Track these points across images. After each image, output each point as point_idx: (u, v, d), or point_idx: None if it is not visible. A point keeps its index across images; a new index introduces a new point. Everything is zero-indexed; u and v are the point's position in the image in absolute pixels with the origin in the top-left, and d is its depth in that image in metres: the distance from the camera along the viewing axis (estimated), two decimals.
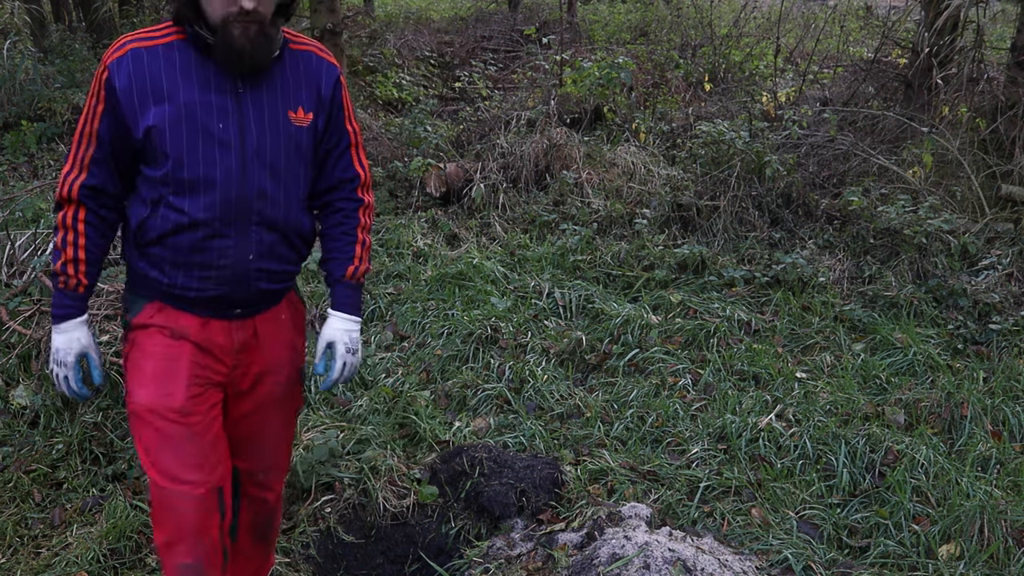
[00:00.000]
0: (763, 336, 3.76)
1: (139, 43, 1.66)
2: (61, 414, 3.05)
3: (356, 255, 1.91)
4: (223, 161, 1.68)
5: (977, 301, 3.93)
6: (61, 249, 1.73)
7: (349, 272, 1.91)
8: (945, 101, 5.68)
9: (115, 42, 1.69)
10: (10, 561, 2.47)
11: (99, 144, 1.68)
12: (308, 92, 1.78)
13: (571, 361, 3.57)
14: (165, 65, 1.65)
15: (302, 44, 1.80)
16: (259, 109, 1.71)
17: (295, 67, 1.77)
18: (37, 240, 3.98)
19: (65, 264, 1.73)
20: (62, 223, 1.73)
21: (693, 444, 2.95)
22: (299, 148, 1.77)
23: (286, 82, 1.75)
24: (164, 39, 1.67)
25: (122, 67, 1.63)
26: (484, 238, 4.91)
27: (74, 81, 6.93)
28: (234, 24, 1.60)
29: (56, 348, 1.78)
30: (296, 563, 2.47)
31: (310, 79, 1.78)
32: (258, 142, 1.71)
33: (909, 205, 4.64)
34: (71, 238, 1.72)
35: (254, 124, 1.70)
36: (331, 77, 1.82)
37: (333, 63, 1.83)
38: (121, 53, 1.64)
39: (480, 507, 2.60)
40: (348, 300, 1.92)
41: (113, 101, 1.65)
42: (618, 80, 6.65)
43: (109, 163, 1.71)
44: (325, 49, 1.85)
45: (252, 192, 1.71)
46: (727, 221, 4.74)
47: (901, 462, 2.76)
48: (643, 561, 2.14)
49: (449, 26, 11.91)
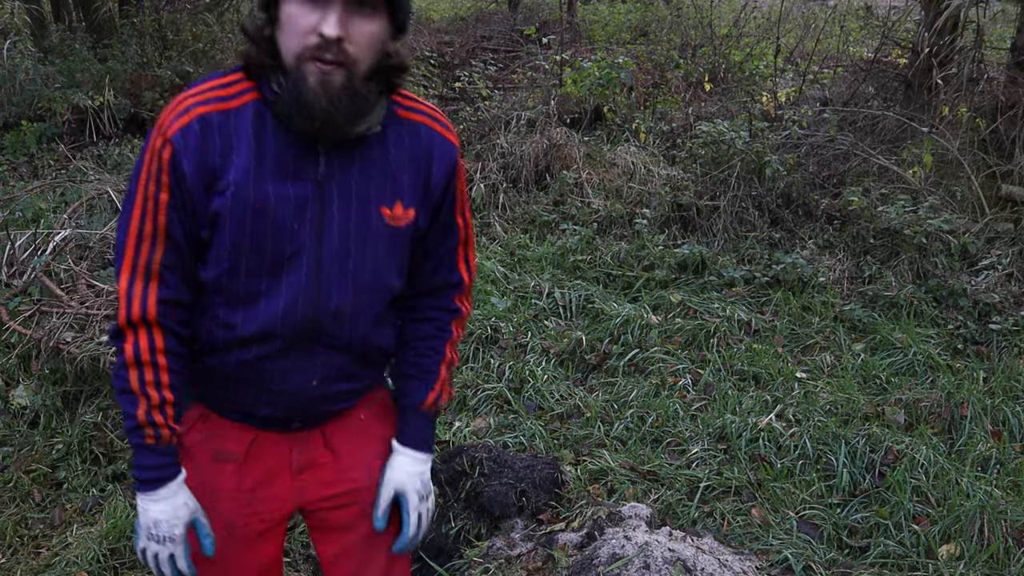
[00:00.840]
0: (763, 336, 3.76)
1: (206, 107, 1.24)
2: (61, 414, 3.06)
3: (440, 378, 1.49)
4: (292, 272, 1.29)
5: (977, 301, 3.93)
6: (139, 394, 1.29)
7: (429, 400, 1.49)
8: (945, 101, 5.68)
9: (174, 103, 1.26)
10: (10, 561, 2.48)
11: (169, 245, 1.26)
12: (412, 179, 1.35)
13: (571, 361, 3.57)
14: (235, 139, 1.24)
15: (413, 111, 1.36)
16: (345, 203, 1.30)
17: (399, 144, 1.33)
18: (37, 240, 3.98)
19: (150, 412, 1.30)
20: (134, 358, 1.28)
21: (693, 444, 2.95)
22: (391, 255, 1.36)
23: (385, 165, 1.32)
24: (236, 100, 1.26)
25: (189, 142, 1.22)
26: (484, 238, 4.91)
27: (74, 81, 6.93)
28: (309, 64, 1.18)
29: (155, 521, 1.33)
30: (296, 563, 2.47)
31: (417, 162, 1.35)
32: (340, 249, 1.31)
33: (909, 205, 4.64)
34: (151, 376, 1.29)
35: (337, 225, 1.30)
36: (446, 160, 1.38)
37: (450, 139, 1.39)
38: (185, 121, 1.23)
39: (480, 507, 2.60)
40: (422, 434, 1.51)
41: (181, 189, 1.24)
42: (618, 80, 6.65)
43: (181, 267, 1.29)
44: (442, 117, 1.40)
45: (324, 312, 1.33)
46: (727, 221, 4.74)
47: (901, 462, 2.76)
48: (643, 561, 2.14)
49: (449, 26, 11.92)
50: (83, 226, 4.22)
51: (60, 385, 3.12)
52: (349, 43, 1.19)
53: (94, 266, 3.91)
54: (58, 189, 4.96)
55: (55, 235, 4.03)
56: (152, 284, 1.27)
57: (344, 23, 1.18)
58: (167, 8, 8.68)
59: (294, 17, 1.19)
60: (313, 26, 1.17)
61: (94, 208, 4.51)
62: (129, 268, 1.27)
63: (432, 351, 1.49)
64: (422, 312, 1.49)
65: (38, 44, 8.21)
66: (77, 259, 3.89)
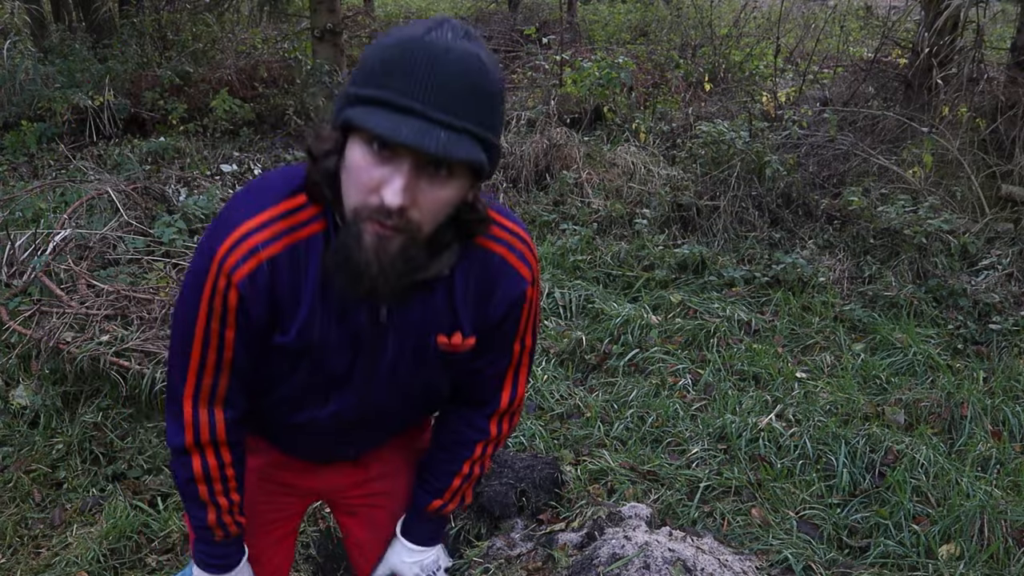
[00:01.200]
0: (763, 336, 3.75)
1: (274, 247, 1.12)
2: (61, 414, 3.05)
3: (451, 488, 1.44)
4: (342, 392, 1.28)
5: (977, 301, 3.93)
6: (209, 502, 1.30)
7: (434, 506, 1.45)
8: (945, 101, 5.68)
9: (233, 236, 1.12)
10: (10, 561, 2.47)
11: (234, 371, 1.23)
12: (474, 311, 1.24)
13: (571, 361, 3.57)
14: (303, 276, 1.15)
15: (492, 238, 1.21)
16: (401, 337, 1.22)
17: (466, 278, 1.21)
18: (37, 240, 3.98)
19: (220, 515, 1.32)
20: (204, 476, 1.27)
21: (693, 444, 2.95)
22: (445, 373, 1.32)
23: (449, 301, 1.21)
24: (303, 231, 1.14)
25: (258, 288, 1.13)
26: None
27: (74, 81, 6.93)
28: (367, 223, 1.03)
29: None
30: (296, 563, 2.47)
31: (483, 295, 1.23)
32: (390, 372, 1.26)
33: (909, 205, 4.64)
34: (220, 488, 1.30)
35: (391, 354, 1.24)
36: (511, 294, 1.24)
37: (522, 272, 1.24)
38: (253, 266, 1.12)
39: (480, 507, 2.60)
40: (427, 533, 1.50)
41: (249, 327, 1.18)
42: (618, 80, 6.65)
43: (244, 386, 1.26)
44: (520, 245, 1.24)
45: (369, 414, 1.33)
46: (727, 221, 4.74)
47: (901, 462, 2.76)
48: (643, 561, 2.14)
49: None
50: (83, 226, 4.22)
51: (60, 385, 3.12)
52: (415, 209, 1.03)
53: (94, 266, 3.91)
54: (58, 189, 4.96)
55: (55, 235, 4.03)
56: (218, 408, 1.25)
57: (411, 189, 1.01)
58: (167, 8, 8.68)
59: (358, 168, 1.02)
60: (376, 185, 1.01)
61: (94, 208, 4.51)
62: (192, 395, 1.23)
63: (449, 462, 1.43)
64: (452, 423, 1.42)
65: (38, 44, 8.22)
66: (77, 259, 3.89)
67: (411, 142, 0.94)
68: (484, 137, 1.01)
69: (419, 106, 0.96)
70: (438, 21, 1.01)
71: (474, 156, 0.99)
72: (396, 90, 0.97)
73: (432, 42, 0.98)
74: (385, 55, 0.99)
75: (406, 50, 0.98)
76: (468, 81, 0.98)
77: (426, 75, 0.96)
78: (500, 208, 1.24)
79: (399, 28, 1.02)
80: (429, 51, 0.97)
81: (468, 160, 0.98)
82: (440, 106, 0.96)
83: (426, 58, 0.97)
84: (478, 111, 1.00)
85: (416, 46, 0.98)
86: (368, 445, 1.44)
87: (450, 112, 0.97)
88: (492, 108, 1.02)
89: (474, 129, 0.99)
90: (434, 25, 1.00)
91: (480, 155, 1.00)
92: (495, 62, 1.03)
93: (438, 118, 0.96)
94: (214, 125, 6.74)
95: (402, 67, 0.97)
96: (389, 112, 0.97)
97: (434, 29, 0.99)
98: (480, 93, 0.99)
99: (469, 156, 0.98)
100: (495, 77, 1.01)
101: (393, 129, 0.95)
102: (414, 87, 0.96)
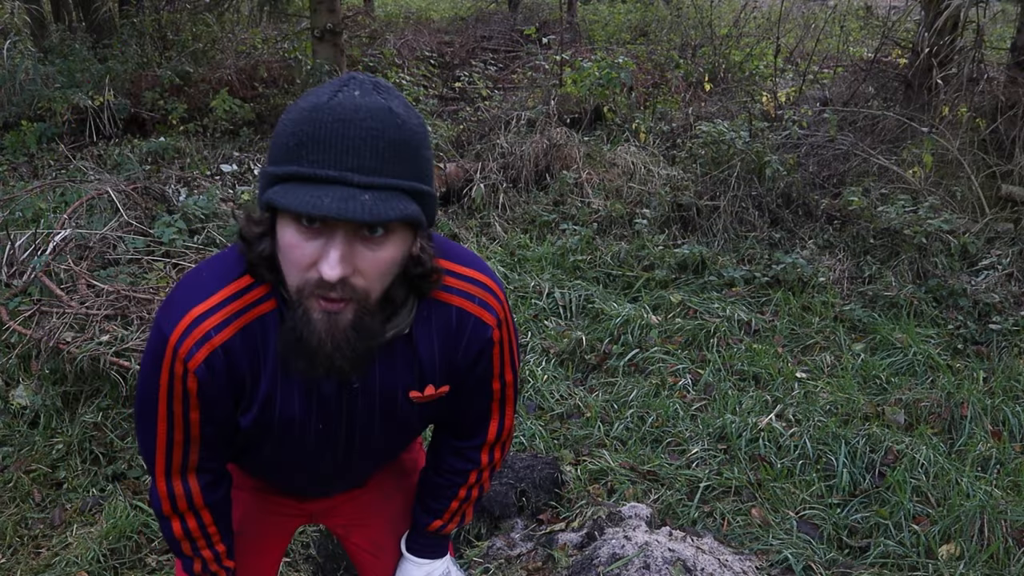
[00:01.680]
0: (763, 336, 3.76)
1: (228, 331, 1.11)
2: (61, 414, 3.05)
3: (450, 510, 1.44)
4: (313, 464, 1.30)
5: (977, 301, 3.93)
6: (194, 556, 1.33)
7: (434, 527, 1.46)
8: (945, 101, 5.68)
9: (187, 320, 1.11)
10: (10, 561, 2.47)
11: (203, 444, 1.22)
12: (442, 363, 1.22)
13: (571, 361, 3.57)
14: (261, 355, 1.14)
15: (448, 290, 1.19)
16: (370, 399, 1.21)
17: (427, 334, 1.19)
18: (37, 240, 3.98)
19: (206, 565, 1.35)
20: (184, 535, 1.29)
21: (693, 444, 2.95)
22: (422, 418, 1.31)
23: (411, 358, 1.19)
24: (254, 311, 1.12)
25: (216, 373, 1.13)
26: (484, 238, 4.91)
27: (74, 81, 6.93)
28: (312, 300, 1.01)
29: None
30: (296, 563, 2.47)
31: (448, 348, 1.21)
32: (365, 430, 1.26)
33: (909, 205, 4.64)
34: (203, 543, 1.31)
35: (362, 416, 1.24)
36: (477, 342, 1.23)
37: (484, 319, 1.22)
38: (207, 353, 1.11)
39: (480, 507, 2.60)
40: (430, 548, 1.50)
41: (213, 409, 1.17)
42: (618, 80, 6.65)
43: (218, 453, 1.27)
44: (479, 292, 1.22)
45: (348, 465, 1.35)
46: (727, 221, 4.74)
47: (901, 462, 2.76)
48: (643, 561, 2.14)
49: (449, 26, 11.92)
50: (83, 226, 4.22)
51: (60, 385, 3.12)
52: (358, 276, 1.00)
53: (94, 266, 3.91)
54: (58, 189, 4.96)
55: (55, 235, 4.03)
56: (191, 477, 1.24)
57: (348, 257, 0.98)
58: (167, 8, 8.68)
59: (291, 247, 1.00)
60: (312, 261, 0.98)
61: (94, 208, 4.51)
62: (164, 471, 1.22)
63: (445, 487, 1.43)
64: (443, 452, 1.41)
65: (38, 44, 8.22)
66: (77, 259, 3.89)
67: (335, 213, 0.91)
68: (412, 189, 0.98)
69: (336, 174, 0.94)
70: (344, 80, 0.99)
71: (405, 212, 0.96)
72: (311, 162, 0.94)
73: (339, 104, 0.95)
74: (295, 127, 0.96)
75: (314, 119, 0.95)
76: (384, 137, 0.95)
77: (338, 141, 0.94)
78: (457, 253, 1.22)
79: (307, 94, 1.00)
80: (337, 115, 0.95)
81: (399, 218, 0.95)
82: (358, 169, 0.94)
83: (335, 123, 0.94)
84: (400, 165, 0.97)
85: (323, 113, 0.95)
86: (354, 483, 1.46)
87: (370, 173, 0.95)
88: (414, 157, 0.99)
89: (399, 184, 0.97)
90: (340, 85, 0.98)
91: (411, 208, 0.97)
92: (410, 108, 1.01)
93: (358, 182, 0.94)
94: (214, 125, 6.74)
95: (313, 137, 0.94)
96: (308, 186, 0.94)
97: (340, 89, 0.97)
98: (398, 146, 0.97)
99: (400, 214, 0.95)
100: (412, 124, 0.99)
101: (314, 203, 0.92)
102: (328, 156, 0.94)
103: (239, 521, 1.44)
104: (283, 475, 1.38)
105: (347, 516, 1.54)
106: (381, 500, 1.53)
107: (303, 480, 1.39)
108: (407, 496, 1.53)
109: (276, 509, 1.50)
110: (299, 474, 1.36)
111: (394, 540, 1.54)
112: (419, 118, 1.01)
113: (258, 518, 1.49)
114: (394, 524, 1.53)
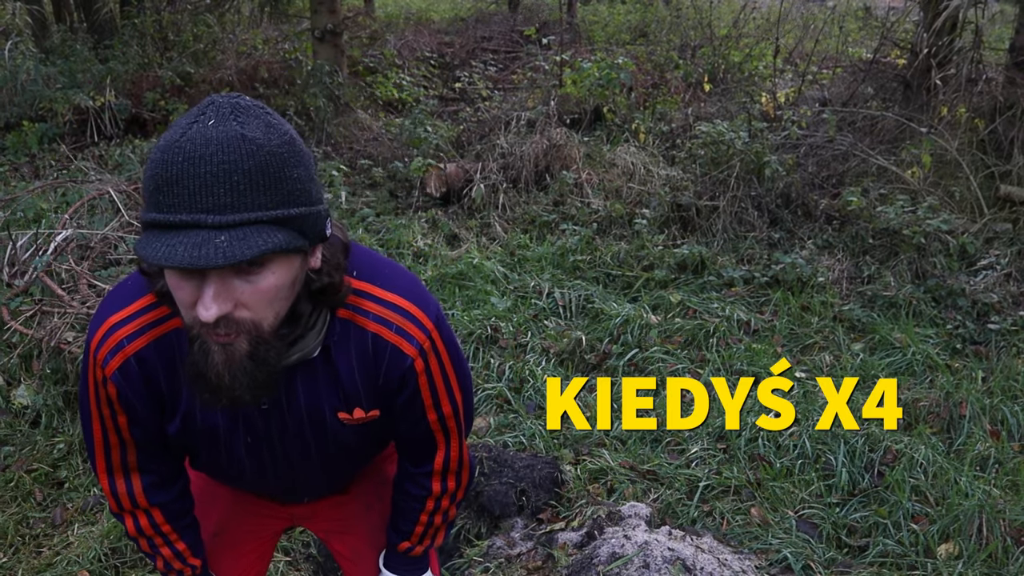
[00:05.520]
0: (762, 336, 3.76)
1: (140, 341, 1.12)
2: (62, 414, 3.06)
3: (416, 533, 1.44)
4: (255, 471, 1.31)
5: (976, 301, 3.94)
6: (152, 553, 1.36)
7: (403, 547, 1.46)
8: (944, 101, 5.69)
9: (104, 328, 1.13)
10: (11, 560, 2.48)
11: (138, 447, 1.24)
12: (367, 388, 1.20)
13: (571, 361, 3.58)
14: (178, 364, 1.14)
15: (364, 314, 1.16)
16: (297, 417, 1.21)
17: (345, 357, 1.17)
18: (38, 240, 3.99)
19: (169, 564, 1.38)
20: (138, 532, 1.32)
21: (693, 444, 2.96)
22: (364, 436, 1.29)
23: (333, 379, 1.18)
24: (167, 324, 1.13)
25: (132, 381, 1.14)
26: (484, 238, 4.92)
27: (75, 82, 6.94)
28: (207, 336, 0.99)
29: None
30: (296, 562, 2.48)
31: (369, 373, 1.19)
32: (300, 451, 1.27)
33: (908, 205, 4.65)
34: (160, 540, 1.34)
35: (291, 435, 1.24)
36: (398, 371, 1.18)
37: (403, 349, 1.17)
38: (120, 361, 1.13)
39: (480, 506, 2.61)
40: (402, 564, 1.50)
41: (137, 414, 1.19)
42: (618, 80, 6.66)
43: (158, 454, 1.27)
44: (399, 319, 1.17)
45: (301, 487, 1.39)
46: (726, 221, 4.75)
47: (900, 461, 2.77)
48: (643, 560, 2.15)
49: (449, 27, 11.93)
50: (84, 226, 4.23)
51: (61, 385, 3.13)
52: (242, 310, 0.97)
53: (95, 266, 3.92)
54: (59, 189, 4.97)
55: (56, 235, 4.04)
56: (134, 475, 1.27)
57: (224, 295, 0.95)
58: (168, 9, 8.68)
59: (173, 288, 0.98)
60: (192, 301, 0.96)
61: (95, 208, 4.52)
62: (104, 469, 1.26)
63: (409, 510, 1.41)
64: (399, 476, 1.41)
65: (39, 45, 8.23)
66: (78, 259, 3.90)
67: (187, 263, 0.87)
68: (276, 218, 0.93)
69: (189, 218, 0.89)
70: (202, 108, 0.94)
71: (266, 246, 0.90)
72: (167, 207, 0.90)
73: (189, 141, 0.90)
74: (152, 170, 0.92)
75: (165, 160, 0.90)
76: (238, 169, 0.90)
77: (190, 181, 0.89)
78: (385, 276, 1.18)
79: (170, 127, 0.95)
80: (186, 153, 0.90)
81: (258, 254, 0.89)
82: (212, 209, 0.89)
83: (184, 162, 0.89)
84: (260, 195, 0.91)
85: (173, 153, 0.90)
86: (328, 491, 1.46)
87: (225, 211, 0.89)
88: (276, 182, 0.92)
89: (260, 216, 0.91)
90: (196, 116, 0.93)
91: (275, 239, 0.91)
92: (272, 128, 0.94)
93: (212, 222, 0.89)
94: None
95: (166, 180, 0.90)
96: (167, 234, 0.90)
97: (196, 121, 0.92)
98: (255, 175, 0.91)
99: (258, 250, 0.89)
100: (271, 147, 0.92)
101: (167, 255, 0.88)
102: (180, 199, 0.89)
103: (218, 521, 1.47)
104: (235, 481, 1.39)
105: (329, 522, 1.54)
106: (362, 510, 1.53)
107: (260, 487, 1.40)
108: (387, 509, 1.51)
109: (257, 511, 1.51)
110: (251, 481, 1.35)
111: (373, 552, 1.53)
112: (283, 136, 0.95)
113: (240, 519, 1.51)
114: (373, 536, 1.53)
